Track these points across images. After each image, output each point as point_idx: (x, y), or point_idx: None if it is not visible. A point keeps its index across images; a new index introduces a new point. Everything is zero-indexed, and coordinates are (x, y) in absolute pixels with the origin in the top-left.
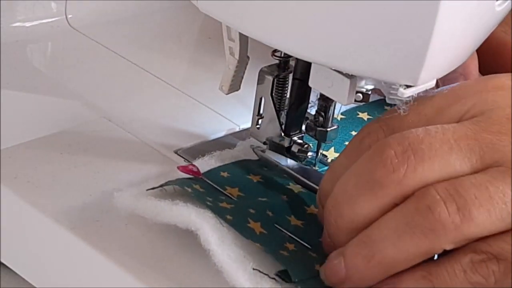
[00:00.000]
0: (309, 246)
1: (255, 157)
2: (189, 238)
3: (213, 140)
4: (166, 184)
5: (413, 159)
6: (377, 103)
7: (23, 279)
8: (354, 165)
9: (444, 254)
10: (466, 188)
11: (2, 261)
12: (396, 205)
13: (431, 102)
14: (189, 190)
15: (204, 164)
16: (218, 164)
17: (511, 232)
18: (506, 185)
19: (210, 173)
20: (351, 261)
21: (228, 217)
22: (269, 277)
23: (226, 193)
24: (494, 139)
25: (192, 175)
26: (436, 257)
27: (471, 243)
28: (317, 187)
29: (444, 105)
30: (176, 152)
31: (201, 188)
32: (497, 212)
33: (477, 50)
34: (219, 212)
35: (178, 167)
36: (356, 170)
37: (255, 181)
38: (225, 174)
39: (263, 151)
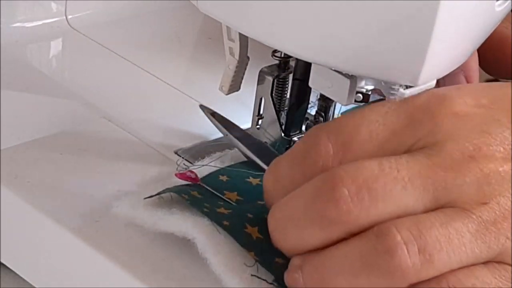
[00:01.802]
0: None
1: None
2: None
3: (213, 140)
4: (164, 192)
5: (366, 200)
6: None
7: (23, 279)
8: (301, 190)
9: None
10: (428, 229)
11: (2, 261)
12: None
13: (384, 119)
14: (186, 197)
15: (203, 168)
16: (218, 165)
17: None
18: (464, 226)
19: (208, 177)
20: (308, 281)
21: (225, 223)
22: (267, 282)
23: (224, 198)
24: (447, 177)
25: (190, 181)
26: None
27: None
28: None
29: (397, 127)
30: (176, 153)
31: (199, 195)
32: (456, 254)
33: None
34: (216, 219)
35: (175, 174)
36: (305, 199)
37: (254, 184)
38: (224, 178)
39: (212, 114)
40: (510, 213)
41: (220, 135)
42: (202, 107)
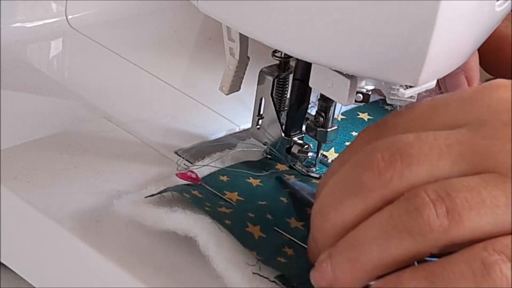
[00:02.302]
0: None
1: (255, 158)
2: (189, 238)
3: (213, 140)
4: (165, 191)
5: (400, 163)
6: (377, 103)
7: (23, 279)
8: (342, 168)
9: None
10: (457, 191)
11: (2, 261)
12: (382, 208)
13: (429, 102)
14: (187, 196)
15: (204, 168)
16: (218, 166)
17: None
18: (499, 190)
19: (209, 178)
20: (337, 264)
21: (227, 221)
22: (269, 280)
23: (225, 198)
24: (487, 144)
25: (190, 181)
26: None
27: (480, 242)
28: None
29: (440, 104)
30: (176, 153)
31: (199, 194)
32: (488, 216)
33: None
34: (217, 217)
35: (176, 174)
36: (344, 173)
37: (254, 185)
38: (224, 178)
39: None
40: None
41: (220, 135)
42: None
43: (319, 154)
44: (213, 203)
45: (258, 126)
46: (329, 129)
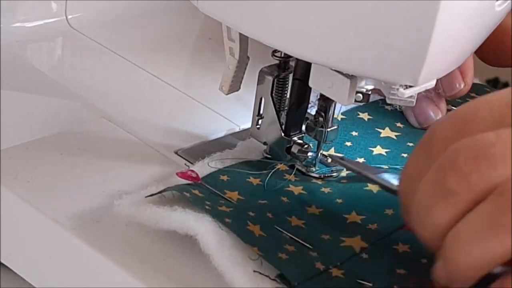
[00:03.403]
0: (309, 246)
1: (255, 158)
2: (189, 238)
3: (213, 140)
4: (165, 190)
5: (484, 164)
6: (377, 103)
7: (23, 279)
8: (428, 174)
9: None
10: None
11: (2, 261)
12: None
13: (502, 97)
14: (188, 195)
15: (204, 167)
16: (218, 166)
17: None
18: None
19: (209, 177)
20: (447, 266)
21: (227, 220)
22: (270, 278)
23: (225, 197)
24: None
25: (191, 181)
26: None
27: None
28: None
29: None
30: (176, 153)
31: (200, 193)
32: None
33: None
34: (218, 216)
35: (177, 173)
36: (430, 179)
37: (254, 184)
38: (224, 178)
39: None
40: None
41: (220, 135)
42: (331, 156)
43: (319, 154)
44: (213, 202)
45: (258, 126)
46: (329, 129)
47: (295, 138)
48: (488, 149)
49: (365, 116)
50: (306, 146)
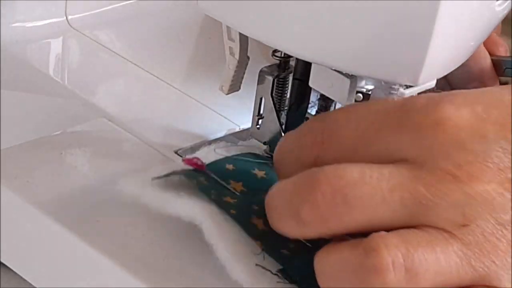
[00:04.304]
0: (309, 245)
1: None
2: (189, 238)
3: (213, 140)
4: (172, 173)
5: (340, 206)
6: None
7: (23, 279)
8: (287, 181)
9: None
10: (415, 247)
11: (2, 261)
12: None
13: (374, 117)
14: (194, 181)
15: (210, 153)
16: (224, 153)
17: None
18: (450, 246)
19: (214, 164)
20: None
21: (232, 211)
22: (272, 273)
23: (229, 187)
24: (426, 195)
25: (196, 167)
26: None
27: None
28: None
29: (383, 129)
30: (176, 152)
31: (205, 181)
32: (442, 275)
33: None
34: (223, 207)
35: (183, 160)
36: (287, 192)
37: (259, 177)
38: (230, 167)
39: None
40: (492, 235)
41: (220, 135)
42: None
43: None
44: (218, 192)
45: (258, 126)
46: None
47: None
48: (348, 190)
49: None
50: None
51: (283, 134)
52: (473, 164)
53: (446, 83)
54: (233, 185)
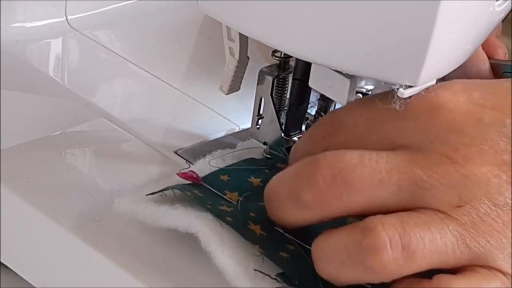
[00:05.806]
0: (309, 247)
1: (257, 156)
2: (189, 238)
3: (213, 140)
4: (166, 189)
5: (340, 187)
6: None
7: (23, 279)
8: (289, 168)
9: None
10: (412, 227)
11: (2, 261)
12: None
13: (376, 107)
14: (189, 194)
15: (205, 165)
16: (219, 163)
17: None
18: (446, 226)
19: (209, 177)
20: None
21: (228, 219)
22: (271, 277)
23: (226, 198)
24: (423, 176)
25: (191, 181)
26: None
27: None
28: None
29: (384, 115)
30: (176, 153)
31: (200, 193)
32: (438, 254)
33: None
34: (219, 215)
35: (177, 174)
36: (288, 177)
37: (255, 184)
38: (225, 178)
39: None
40: (488, 216)
41: (220, 135)
42: None
43: None
44: (214, 202)
45: (258, 126)
46: None
47: (295, 138)
48: (347, 172)
49: None
50: None
51: (283, 134)
52: (469, 147)
53: None
54: (229, 196)
